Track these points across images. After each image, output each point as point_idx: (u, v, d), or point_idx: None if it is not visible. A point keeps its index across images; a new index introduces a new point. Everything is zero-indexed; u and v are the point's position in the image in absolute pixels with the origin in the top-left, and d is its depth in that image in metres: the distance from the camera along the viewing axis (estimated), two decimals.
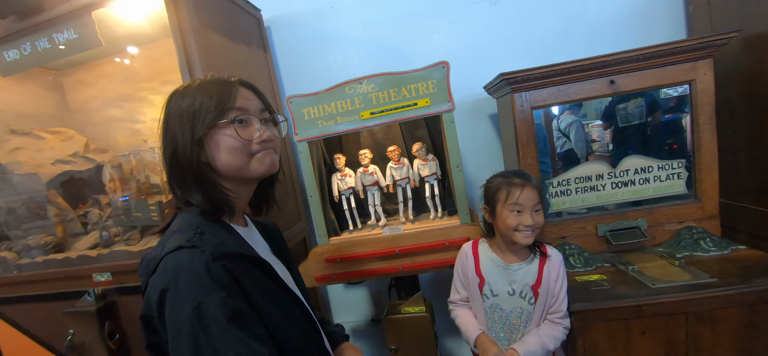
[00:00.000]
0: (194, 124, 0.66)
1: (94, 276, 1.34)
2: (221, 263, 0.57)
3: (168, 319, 0.55)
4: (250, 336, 0.56)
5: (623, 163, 1.31)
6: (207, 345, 0.53)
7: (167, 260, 0.57)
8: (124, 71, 1.78)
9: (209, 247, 0.58)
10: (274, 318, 0.62)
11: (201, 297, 0.54)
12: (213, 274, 0.56)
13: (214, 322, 0.53)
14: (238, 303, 0.57)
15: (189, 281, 0.54)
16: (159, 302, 0.55)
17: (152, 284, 0.57)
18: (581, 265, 1.25)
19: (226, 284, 0.57)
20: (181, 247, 0.57)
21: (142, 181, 1.60)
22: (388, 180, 1.39)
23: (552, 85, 1.24)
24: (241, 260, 0.62)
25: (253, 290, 0.61)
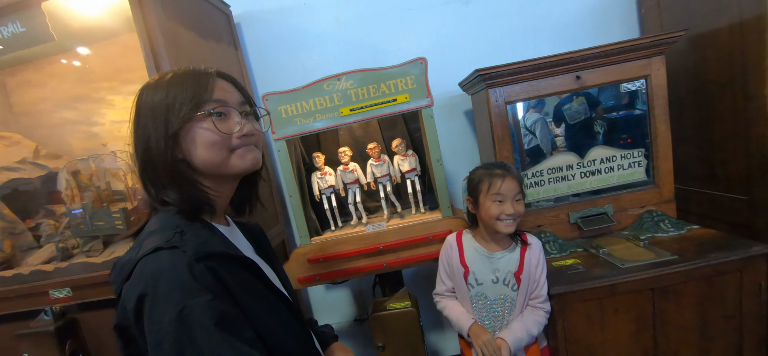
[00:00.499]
0: (168, 117, 0.61)
1: (50, 292, 1.22)
2: (205, 264, 0.54)
3: (147, 327, 0.50)
4: (239, 340, 0.53)
5: (590, 153, 1.39)
6: (193, 353, 0.49)
7: (144, 264, 0.53)
8: (78, 70, 1.65)
9: (191, 247, 0.54)
10: (263, 320, 0.59)
11: (184, 301, 0.50)
12: (196, 276, 0.52)
13: (200, 327, 0.50)
14: (225, 305, 0.53)
15: (170, 284, 0.50)
16: (136, 309, 0.51)
17: (127, 290, 0.53)
18: (556, 251, 1.32)
19: (211, 286, 0.53)
20: (160, 248, 0.53)
21: (103, 188, 1.49)
22: (369, 177, 1.39)
23: (524, 81, 1.29)
24: (226, 261, 0.58)
25: (240, 291, 0.57)
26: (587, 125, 1.51)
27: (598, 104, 1.51)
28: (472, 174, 1.13)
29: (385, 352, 1.34)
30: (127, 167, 1.55)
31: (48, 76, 1.65)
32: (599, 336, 1.14)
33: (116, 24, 1.33)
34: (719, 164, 1.37)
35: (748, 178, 1.27)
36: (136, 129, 0.64)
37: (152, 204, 0.66)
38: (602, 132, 1.53)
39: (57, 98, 1.67)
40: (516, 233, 1.12)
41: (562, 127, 1.58)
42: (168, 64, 1.13)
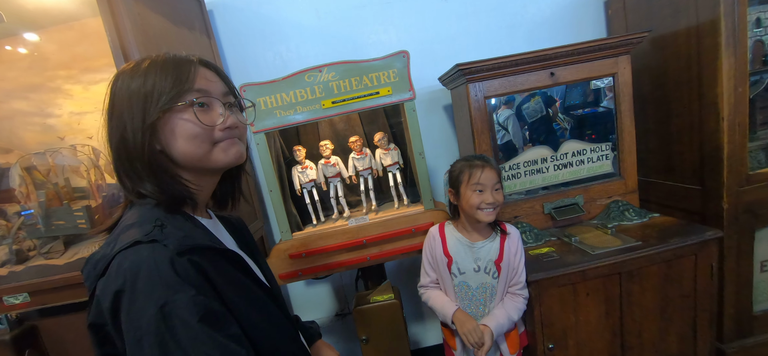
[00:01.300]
0: (146, 107, 0.58)
1: (4, 298, 1.12)
2: (188, 258, 0.51)
3: (126, 325, 0.48)
4: (224, 336, 0.51)
5: (563, 147, 1.46)
6: (176, 351, 0.47)
7: (121, 259, 0.50)
8: (29, 55, 1.51)
9: (173, 241, 0.52)
10: (249, 315, 0.57)
11: (165, 297, 0.47)
12: (179, 271, 0.50)
13: (183, 324, 0.48)
14: (209, 301, 0.51)
15: (150, 280, 0.48)
16: (113, 306, 0.48)
17: (103, 287, 0.50)
18: (532, 240, 1.37)
19: (194, 281, 0.51)
20: (139, 242, 0.51)
21: (62, 185, 1.38)
22: (351, 171, 1.38)
23: (502, 76, 1.33)
24: (210, 255, 0.56)
25: (225, 286, 0.55)
26: (547, 122, 1.58)
27: (554, 102, 1.59)
28: (453, 167, 1.16)
29: (368, 345, 1.35)
30: (89, 162, 1.45)
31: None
32: (572, 318, 1.21)
33: (74, 7, 1.23)
34: (676, 156, 1.48)
35: (701, 169, 1.38)
36: (111, 118, 0.60)
37: (128, 197, 0.62)
38: (568, 128, 1.61)
39: (5, 87, 1.52)
40: (495, 223, 1.16)
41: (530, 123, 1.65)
42: (137, 52, 1.06)
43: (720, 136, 1.27)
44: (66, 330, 1.16)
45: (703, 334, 1.25)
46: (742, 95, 1.24)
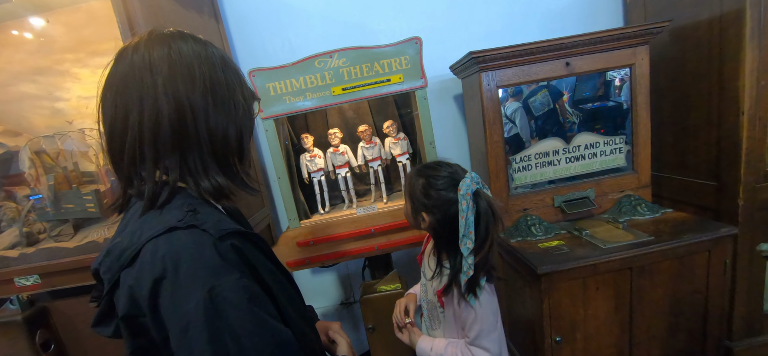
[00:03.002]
0: (243, 88, 0.60)
1: (16, 280, 1.14)
2: (229, 242, 0.50)
3: (168, 314, 0.46)
4: (270, 317, 0.50)
5: (576, 139, 1.43)
6: (227, 334, 0.45)
7: (154, 246, 0.47)
8: (36, 39, 1.50)
9: (211, 226, 0.50)
10: (278, 298, 0.56)
11: (212, 282, 0.46)
12: (223, 254, 0.48)
13: (233, 307, 0.46)
14: (252, 283, 0.50)
15: (194, 265, 0.46)
16: (151, 295, 0.46)
17: (137, 276, 0.47)
18: (542, 233, 1.36)
19: (237, 264, 0.50)
20: (175, 228, 0.48)
21: (71, 169, 1.38)
22: (360, 160, 1.36)
23: (516, 65, 1.30)
24: (244, 238, 0.55)
25: (260, 269, 0.54)
26: (554, 116, 1.55)
27: (561, 96, 1.56)
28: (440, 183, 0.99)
29: (374, 334, 1.36)
30: (97, 146, 1.45)
31: (1, 44, 1.49)
32: (581, 312, 1.20)
33: None
34: (691, 151, 1.45)
35: (717, 164, 1.35)
36: (174, 84, 0.53)
37: (141, 187, 0.56)
38: (577, 122, 1.58)
39: (13, 70, 1.51)
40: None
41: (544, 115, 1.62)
42: None
43: (739, 131, 1.24)
44: (76, 312, 1.17)
45: (712, 331, 1.24)
46: (765, 89, 1.20)
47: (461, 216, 0.82)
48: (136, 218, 0.54)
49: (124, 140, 0.53)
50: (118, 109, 0.53)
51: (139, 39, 0.55)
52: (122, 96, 0.53)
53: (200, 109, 0.54)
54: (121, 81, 0.53)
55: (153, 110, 0.52)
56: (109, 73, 0.55)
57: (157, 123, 0.52)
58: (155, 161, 0.54)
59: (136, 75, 0.52)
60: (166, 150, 0.53)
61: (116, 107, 0.53)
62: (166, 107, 0.52)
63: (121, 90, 0.53)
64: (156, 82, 0.52)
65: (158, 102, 0.52)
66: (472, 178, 0.83)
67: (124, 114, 0.52)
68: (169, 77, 0.52)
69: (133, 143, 0.53)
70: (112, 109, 0.54)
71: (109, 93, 0.54)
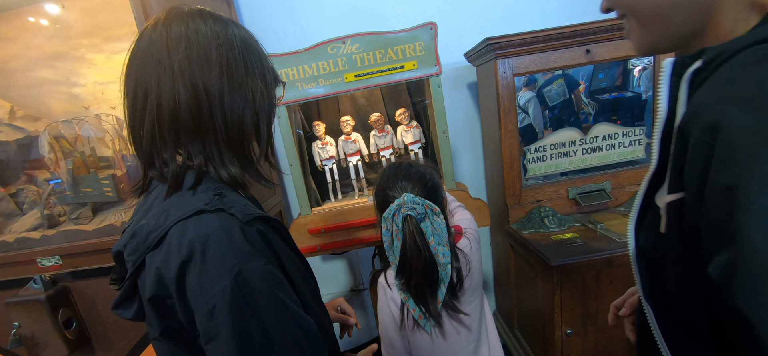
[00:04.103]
0: (265, 71, 0.58)
1: (38, 260, 1.17)
2: (256, 228, 0.50)
3: (195, 296, 0.45)
4: (294, 304, 0.50)
5: (593, 130, 1.39)
6: (252, 319, 0.45)
7: (181, 229, 0.47)
8: (52, 25, 1.51)
9: (238, 210, 0.49)
10: (299, 284, 0.56)
11: (239, 266, 0.45)
12: (250, 239, 0.48)
13: (259, 292, 0.46)
14: (277, 270, 0.50)
15: (221, 248, 0.46)
16: (179, 277, 0.46)
17: (164, 258, 0.47)
18: (555, 225, 1.34)
19: (263, 250, 0.49)
20: (202, 211, 0.48)
21: (88, 153, 1.41)
22: (372, 148, 1.35)
23: (533, 53, 1.26)
24: (268, 224, 0.54)
25: (283, 255, 0.54)
26: (569, 106, 1.51)
27: (578, 86, 1.51)
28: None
29: None
30: (113, 132, 1.47)
31: (19, 29, 1.51)
32: (594, 305, 1.19)
33: None
34: None
35: None
36: (192, 74, 0.51)
37: (163, 170, 0.55)
38: (593, 113, 1.53)
39: (31, 56, 1.54)
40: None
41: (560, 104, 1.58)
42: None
43: None
44: (96, 292, 1.21)
45: None
46: None
47: (384, 238, 0.80)
48: (160, 200, 0.53)
49: (144, 122, 0.52)
50: (138, 90, 0.52)
51: (159, 17, 0.54)
52: (141, 77, 0.52)
53: (215, 93, 0.52)
54: (140, 61, 0.52)
55: (171, 93, 0.50)
56: (130, 52, 0.54)
57: (175, 107, 0.51)
58: (176, 144, 0.53)
59: (154, 55, 0.51)
60: (186, 134, 0.52)
61: (136, 87, 0.52)
62: (182, 90, 0.50)
63: (140, 70, 0.52)
64: (172, 63, 0.50)
65: (175, 85, 0.50)
66: (402, 203, 0.76)
67: (143, 95, 0.52)
68: (185, 59, 0.50)
69: (152, 125, 0.52)
70: (132, 90, 0.53)
71: (130, 73, 0.54)
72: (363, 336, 2.00)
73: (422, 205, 0.77)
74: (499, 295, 1.84)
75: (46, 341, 1.16)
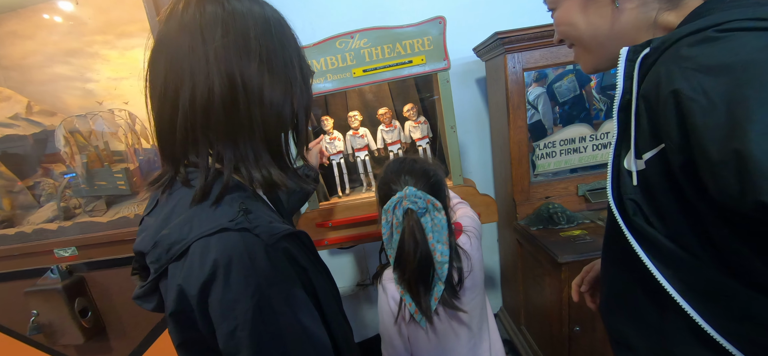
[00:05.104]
0: (301, 59, 0.53)
1: (55, 251, 1.21)
2: (281, 247, 0.47)
3: (216, 315, 0.44)
4: (315, 326, 0.49)
5: (604, 125, 1.37)
6: (272, 344, 0.45)
7: (204, 246, 0.44)
8: (67, 21, 1.54)
9: (263, 229, 0.46)
10: (324, 296, 0.53)
11: (262, 290, 0.44)
12: (274, 262, 0.45)
13: (281, 316, 0.45)
14: (300, 291, 0.48)
15: (244, 271, 0.44)
16: (201, 296, 0.44)
17: (186, 276, 0.45)
18: (564, 222, 1.33)
19: (288, 271, 0.47)
20: (226, 229, 0.45)
21: (102, 148, 1.44)
22: (379, 143, 1.36)
23: (544, 47, 1.25)
24: (293, 239, 0.50)
25: (309, 271, 0.51)
26: (580, 102, 1.49)
27: (589, 81, 1.49)
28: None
29: None
30: (126, 126, 1.50)
31: (35, 27, 1.55)
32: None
33: None
34: None
35: None
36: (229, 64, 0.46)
37: (189, 174, 0.51)
38: (604, 109, 1.51)
39: (47, 52, 1.57)
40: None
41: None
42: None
43: None
44: (111, 282, 1.24)
45: None
46: None
47: (383, 230, 0.81)
48: (182, 206, 0.49)
49: (175, 120, 0.47)
50: (168, 81, 0.47)
51: None
52: (173, 67, 0.47)
53: (254, 86, 0.48)
54: (171, 48, 0.47)
55: (205, 86, 0.46)
56: (157, 37, 0.49)
57: (210, 102, 0.46)
58: (208, 144, 0.49)
59: (187, 41, 0.46)
60: (217, 134, 0.48)
61: (166, 78, 0.47)
62: (217, 83, 0.46)
63: (171, 59, 0.47)
64: (207, 51, 0.45)
65: (210, 76, 0.45)
66: (404, 196, 0.77)
67: (174, 88, 0.47)
68: (222, 46, 0.46)
69: (185, 124, 0.47)
70: (161, 81, 0.48)
71: (157, 61, 0.48)
72: (369, 330, 2.01)
73: (424, 199, 0.76)
74: (506, 292, 1.83)
75: (63, 329, 1.20)
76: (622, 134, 0.48)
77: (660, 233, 0.44)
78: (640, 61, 0.44)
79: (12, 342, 1.32)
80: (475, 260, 0.86)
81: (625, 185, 0.47)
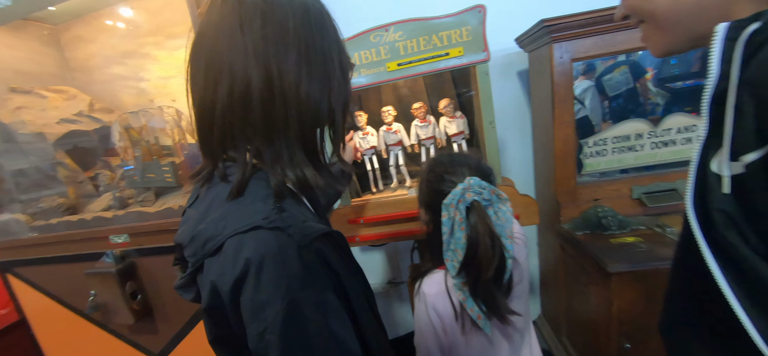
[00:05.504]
0: (341, 51, 0.52)
1: (110, 237, 1.31)
2: (314, 248, 0.45)
3: (247, 315, 0.44)
4: (344, 332, 0.47)
5: (666, 121, 1.23)
6: (301, 349, 0.44)
7: (238, 244, 0.44)
8: (124, 26, 1.66)
9: (296, 229, 0.45)
10: (357, 297, 0.52)
11: (293, 293, 0.43)
12: (307, 264, 0.44)
13: (311, 322, 0.44)
14: (332, 296, 0.47)
15: (276, 272, 0.43)
16: (232, 294, 0.44)
17: (219, 273, 0.45)
18: (615, 227, 1.21)
19: (321, 274, 0.46)
20: (259, 227, 0.44)
21: (152, 142, 1.53)
22: (413, 139, 1.32)
23: (596, 34, 1.13)
24: (328, 240, 0.49)
25: (342, 272, 0.50)
26: (634, 97, 1.34)
27: (645, 73, 1.33)
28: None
29: None
30: (173, 123, 1.59)
31: (96, 31, 1.69)
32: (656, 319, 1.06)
33: None
34: None
35: None
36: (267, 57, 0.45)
37: (227, 169, 0.51)
38: (662, 104, 1.35)
39: (107, 54, 1.71)
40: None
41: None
42: None
43: None
44: (158, 268, 1.32)
45: None
46: None
47: (444, 228, 0.70)
48: (219, 200, 0.49)
49: (214, 114, 0.47)
50: (209, 74, 0.47)
51: None
52: (212, 60, 0.46)
53: (291, 79, 0.46)
54: (210, 42, 0.46)
55: (243, 80, 0.45)
56: (198, 30, 0.49)
57: (247, 96, 0.45)
58: (247, 141, 0.48)
59: (227, 32, 0.45)
60: (255, 129, 0.47)
61: (207, 71, 0.47)
62: (255, 77, 0.44)
63: (211, 51, 0.46)
64: (246, 44, 0.44)
65: (248, 70, 0.44)
66: (467, 187, 0.68)
67: (213, 82, 0.46)
68: (260, 37, 0.44)
69: (223, 119, 0.47)
70: (202, 74, 0.47)
71: (198, 54, 0.48)
72: (400, 329, 1.99)
73: (488, 190, 0.68)
74: (546, 298, 1.72)
75: (116, 309, 1.29)
76: (713, 131, 0.39)
77: (757, 254, 0.35)
78: (745, 40, 0.35)
79: (76, 318, 1.45)
80: (524, 268, 0.80)
81: (711, 192, 0.39)
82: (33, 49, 1.66)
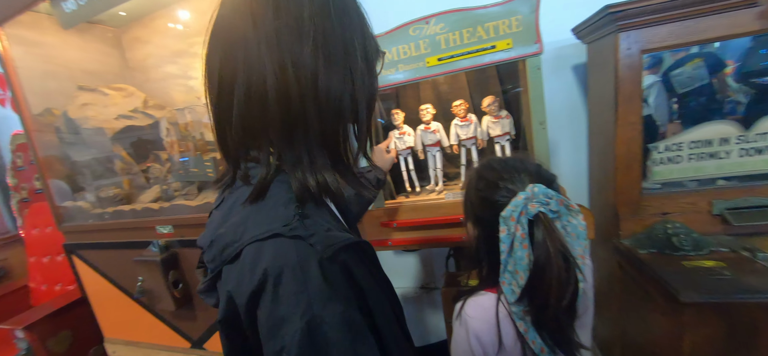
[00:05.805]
0: (366, 41, 0.48)
1: (156, 228, 1.38)
2: (337, 260, 0.42)
3: (263, 331, 0.41)
4: (368, 352, 0.43)
5: (760, 124, 1.03)
6: None
7: (256, 252, 0.41)
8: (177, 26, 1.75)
9: (319, 239, 0.41)
10: (383, 310, 0.47)
11: (313, 310, 0.39)
12: (329, 278, 0.40)
13: (332, 344, 0.39)
14: (357, 314, 0.42)
15: (296, 286, 0.39)
16: (249, 306, 0.41)
17: (237, 282, 0.42)
18: (689, 247, 1.04)
19: (344, 290, 0.42)
20: (278, 235, 0.41)
21: (198, 138, 1.59)
22: (453, 140, 1.23)
23: (673, 20, 0.97)
24: (353, 251, 0.44)
25: (368, 285, 0.45)
26: (709, 93, 1.13)
27: (723, 67, 1.11)
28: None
29: None
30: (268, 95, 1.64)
31: (152, 32, 1.79)
32: None
33: None
34: None
35: None
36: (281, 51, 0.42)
37: (248, 171, 0.49)
38: (745, 103, 1.13)
39: (160, 54, 1.81)
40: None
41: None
42: None
43: None
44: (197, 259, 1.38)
45: None
46: None
47: (502, 246, 0.59)
48: (240, 204, 0.47)
49: (231, 116, 0.45)
50: (223, 72, 0.45)
51: None
52: (226, 58, 0.44)
53: (308, 74, 0.43)
54: (223, 38, 0.45)
55: (259, 78, 0.42)
56: (213, 24, 0.47)
57: (264, 95, 0.42)
58: (269, 143, 0.46)
59: (239, 27, 0.43)
60: (274, 130, 0.44)
61: (221, 69, 0.45)
62: (270, 73, 0.42)
63: (225, 48, 0.45)
64: (259, 38, 0.42)
65: (263, 66, 0.42)
66: (531, 196, 0.57)
67: (229, 80, 0.44)
68: (273, 30, 0.42)
69: (241, 122, 0.45)
70: (216, 73, 0.46)
71: (213, 51, 0.46)
72: (432, 336, 1.91)
73: (556, 200, 0.57)
74: (597, 319, 1.55)
75: (160, 295, 1.36)
76: None
77: None
78: None
79: (127, 300, 1.56)
80: (590, 296, 0.68)
81: None
82: (98, 50, 1.80)
